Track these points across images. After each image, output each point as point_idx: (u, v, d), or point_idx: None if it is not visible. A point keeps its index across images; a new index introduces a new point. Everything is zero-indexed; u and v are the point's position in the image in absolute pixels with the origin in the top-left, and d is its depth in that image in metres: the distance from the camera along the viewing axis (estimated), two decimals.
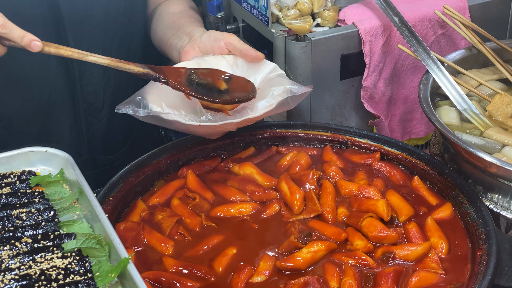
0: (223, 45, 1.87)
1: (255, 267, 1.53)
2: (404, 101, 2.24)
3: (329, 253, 1.57)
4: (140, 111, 1.66)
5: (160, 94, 1.74)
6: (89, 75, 2.01)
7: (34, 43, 1.58)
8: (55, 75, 1.95)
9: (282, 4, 2.14)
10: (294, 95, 1.72)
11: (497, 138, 1.77)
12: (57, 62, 1.95)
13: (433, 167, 1.78)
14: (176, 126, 1.71)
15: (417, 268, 1.52)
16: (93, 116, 2.08)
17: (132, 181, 1.75)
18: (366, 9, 2.12)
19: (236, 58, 1.88)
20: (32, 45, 1.58)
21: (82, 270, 1.28)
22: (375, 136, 1.90)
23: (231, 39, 1.86)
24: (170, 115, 1.68)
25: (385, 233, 1.58)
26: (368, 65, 2.09)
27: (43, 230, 1.38)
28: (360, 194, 1.72)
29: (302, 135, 1.94)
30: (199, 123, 1.68)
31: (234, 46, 1.85)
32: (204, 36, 1.90)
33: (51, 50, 1.61)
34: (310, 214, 1.66)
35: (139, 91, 1.74)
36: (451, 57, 2.02)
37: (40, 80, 1.94)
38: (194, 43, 1.90)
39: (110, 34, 2.00)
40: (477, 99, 1.94)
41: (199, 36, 1.91)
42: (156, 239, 1.62)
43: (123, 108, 1.68)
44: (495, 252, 1.49)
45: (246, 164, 1.83)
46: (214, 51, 1.88)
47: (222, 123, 1.68)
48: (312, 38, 2.03)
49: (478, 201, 1.64)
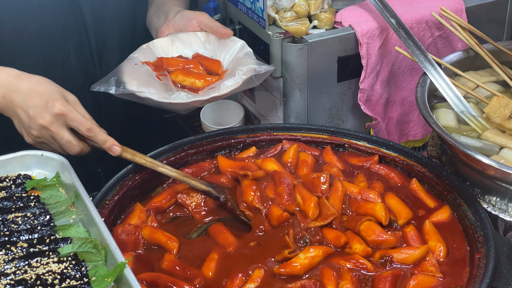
0: (195, 23, 2.04)
1: (248, 274, 1.52)
2: (401, 103, 2.23)
3: (326, 258, 1.56)
4: (113, 89, 1.79)
5: (134, 74, 1.86)
6: (106, 68, 2.07)
7: (115, 147, 1.71)
8: (76, 71, 2.07)
9: (279, 6, 2.13)
10: (258, 74, 1.87)
11: (495, 140, 1.76)
12: (77, 59, 2.05)
13: (430, 170, 1.78)
14: (149, 102, 1.82)
15: (415, 272, 1.52)
16: (111, 107, 2.19)
17: (129, 184, 1.75)
18: (363, 11, 2.12)
19: (208, 35, 2.07)
20: (112, 149, 1.70)
21: (78, 275, 1.27)
22: (373, 139, 1.90)
23: (202, 18, 2.03)
24: (144, 93, 1.80)
25: (384, 237, 1.57)
26: (365, 67, 2.08)
27: (38, 235, 1.37)
28: (361, 197, 1.71)
29: (299, 138, 1.94)
30: (169, 101, 1.80)
31: (205, 24, 2.03)
32: (177, 15, 2.06)
33: (128, 156, 1.74)
34: (327, 219, 1.63)
35: (113, 71, 1.86)
36: (448, 59, 2.01)
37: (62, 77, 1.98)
38: (169, 22, 2.06)
39: (124, 26, 2.12)
40: (475, 101, 1.93)
41: (173, 15, 2.07)
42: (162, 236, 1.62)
43: (97, 86, 1.80)
44: (494, 255, 1.49)
45: (269, 160, 1.83)
46: (187, 29, 2.05)
47: (191, 100, 1.81)
48: (309, 40, 2.03)
49: (476, 203, 1.64)
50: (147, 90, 1.81)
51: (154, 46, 2.04)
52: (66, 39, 2.00)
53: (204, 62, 2.01)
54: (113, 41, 2.11)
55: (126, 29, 2.13)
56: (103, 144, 1.70)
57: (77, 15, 1.99)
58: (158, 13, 2.14)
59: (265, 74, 1.90)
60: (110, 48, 2.10)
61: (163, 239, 1.61)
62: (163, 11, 2.12)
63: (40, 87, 1.68)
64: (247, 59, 1.95)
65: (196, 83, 1.92)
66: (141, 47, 2.02)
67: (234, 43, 2.02)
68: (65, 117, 1.65)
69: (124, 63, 1.92)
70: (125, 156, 1.72)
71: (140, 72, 1.89)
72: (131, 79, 1.83)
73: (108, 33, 2.08)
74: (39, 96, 1.67)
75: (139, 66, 1.92)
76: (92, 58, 2.07)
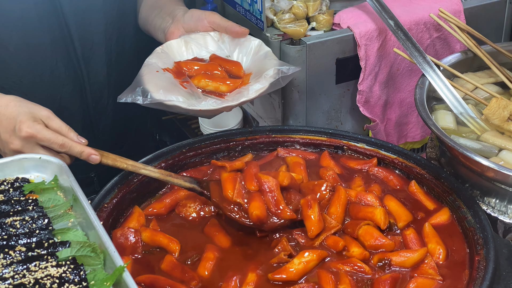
0: (206, 24, 1.98)
1: (244, 277, 1.52)
2: (400, 104, 2.23)
3: (321, 262, 1.55)
4: (140, 99, 1.74)
5: (157, 82, 1.82)
6: (94, 74, 2.07)
7: (93, 157, 1.68)
8: (64, 78, 2.03)
9: (277, 8, 2.13)
10: (285, 75, 1.83)
11: (494, 142, 1.76)
12: (65, 67, 2.02)
13: (430, 172, 1.77)
14: (177, 110, 1.79)
15: (415, 275, 1.51)
16: (101, 113, 2.15)
17: (127, 187, 1.74)
18: (361, 13, 2.11)
19: (221, 35, 2.01)
20: (90, 158, 1.68)
21: (77, 279, 1.27)
22: (371, 141, 1.90)
23: (214, 18, 1.98)
24: (172, 101, 1.76)
25: (382, 241, 1.57)
26: (364, 69, 2.08)
27: (37, 238, 1.37)
28: (358, 201, 1.71)
29: (298, 140, 1.94)
30: (199, 108, 1.77)
31: (218, 24, 1.98)
32: (187, 15, 2.00)
33: (109, 162, 1.71)
34: (329, 231, 1.62)
35: (136, 80, 1.81)
36: (447, 61, 2.01)
37: (51, 86, 2.02)
38: (178, 23, 2.00)
39: (109, 30, 2.07)
40: (473, 103, 1.93)
41: (181, 15, 2.01)
42: (163, 238, 1.62)
43: (124, 97, 1.76)
44: (493, 257, 1.49)
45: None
46: (198, 30, 1.99)
47: (220, 107, 1.78)
48: (307, 42, 2.02)
49: (476, 205, 1.63)
50: (176, 98, 1.77)
51: (169, 49, 1.99)
52: (52, 47, 1.97)
53: (223, 63, 1.96)
54: (99, 46, 2.07)
55: (111, 33, 2.09)
56: (80, 155, 1.67)
57: (61, 22, 1.96)
58: (161, 14, 2.09)
59: (291, 75, 1.86)
60: (96, 53, 2.07)
61: (165, 241, 1.61)
62: (167, 11, 2.08)
63: (8, 110, 1.67)
64: (270, 60, 1.90)
65: (221, 87, 1.88)
66: (156, 50, 1.97)
67: (249, 42, 1.98)
68: (34, 138, 1.64)
69: (144, 70, 1.86)
70: (105, 162, 1.70)
71: (163, 80, 1.84)
72: (156, 87, 1.78)
73: (94, 39, 2.05)
74: (7, 120, 1.66)
75: (161, 73, 1.88)
76: (79, 64, 2.05)
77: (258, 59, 1.94)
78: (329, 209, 1.67)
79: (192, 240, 1.65)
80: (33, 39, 1.93)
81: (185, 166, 1.87)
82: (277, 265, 1.55)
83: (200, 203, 1.73)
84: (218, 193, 1.67)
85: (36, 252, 1.33)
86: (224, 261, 1.58)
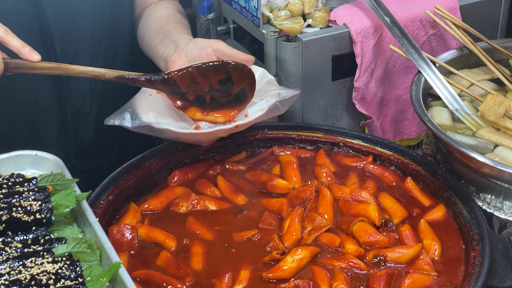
0: (210, 52, 1.84)
1: (236, 274, 1.52)
2: (396, 101, 2.23)
3: (313, 258, 1.55)
4: (128, 122, 1.68)
5: (149, 104, 1.75)
6: (76, 80, 1.99)
7: (33, 53, 1.61)
8: (41, 80, 1.94)
9: (273, 5, 2.13)
10: (283, 99, 1.75)
11: (490, 138, 1.76)
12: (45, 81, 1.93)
13: (425, 168, 1.78)
14: (168, 135, 1.72)
15: (410, 271, 1.51)
16: (81, 120, 2.06)
17: (123, 184, 1.74)
18: (357, 10, 2.12)
19: None
20: (32, 54, 1.61)
21: (73, 275, 1.27)
22: (367, 137, 1.90)
23: (219, 46, 1.84)
24: (161, 124, 1.68)
25: (376, 237, 1.57)
26: (360, 66, 2.08)
27: (33, 235, 1.36)
28: (353, 198, 1.71)
29: (294, 137, 1.94)
30: (190, 131, 1.69)
31: (223, 52, 1.83)
32: (190, 44, 1.87)
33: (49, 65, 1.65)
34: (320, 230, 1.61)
35: (128, 103, 1.74)
36: (443, 57, 2.02)
37: (27, 85, 1.93)
38: (181, 52, 1.88)
39: (97, 38, 1.99)
40: (469, 99, 1.93)
41: (185, 44, 1.89)
42: (160, 234, 1.62)
43: (111, 120, 1.70)
44: (489, 252, 1.49)
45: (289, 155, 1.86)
46: (202, 58, 1.84)
47: (213, 130, 1.71)
48: (303, 39, 2.02)
49: (471, 201, 1.64)
50: (165, 121, 1.70)
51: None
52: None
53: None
54: (83, 55, 1.98)
55: (99, 41, 2.00)
56: (21, 47, 1.60)
57: (42, 24, 1.88)
58: (164, 41, 1.97)
59: (291, 99, 1.78)
60: (79, 61, 1.95)
61: (161, 237, 1.61)
62: (171, 39, 1.96)
63: None
64: (269, 86, 1.83)
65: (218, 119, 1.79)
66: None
67: (253, 70, 1.83)
68: None
69: (138, 94, 1.79)
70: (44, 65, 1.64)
71: (155, 103, 1.77)
72: (147, 110, 1.71)
73: (79, 44, 1.96)
74: None
75: (154, 96, 1.80)
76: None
77: (261, 87, 1.85)
78: (318, 209, 1.68)
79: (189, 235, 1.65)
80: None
81: (181, 163, 1.87)
82: (269, 263, 1.55)
83: (192, 202, 1.73)
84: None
85: (32, 249, 1.33)
86: (212, 256, 1.58)
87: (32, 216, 1.36)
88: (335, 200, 1.72)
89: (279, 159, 1.87)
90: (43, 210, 1.37)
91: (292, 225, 1.63)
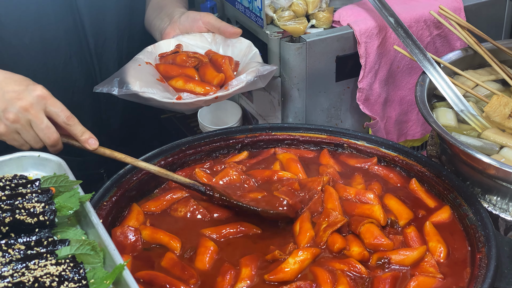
0: (201, 24, 2.02)
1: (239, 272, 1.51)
2: (400, 102, 2.22)
3: (315, 260, 1.54)
4: (116, 90, 1.78)
5: (137, 74, 1.85)
6: (106, 70, 2.08)
7: (92, 140, 1.66)
8: (77, 73, 2.05)
9: (277, 5, 2.12)
10: (262, 74, 1.84)
11: (495, 139, 1.75)
12: (78, 61, 2.03)
13: (430, 169, 1.77)
14: (152, 103, 1.82)
15: (416, 273, 1.50)
16: (111, 109, 2.17)
17: (126, 186, 1.74)
18: (361, 10, 2.11)
19: (214, 36, 2.03)
20: (90, 142, 1.66)
21: (76, 277, 1.26)
22: (372, 138, 1.89)
23: (209, 18, 2.01)
24: (147, 93, 1.79)
25: (381, 240, 1.56)
26: (364, 67, 2.07)
27: (36, 237, 1.36)
28: (357, 199, 1.70)
29: (298, 138, 1.93)
30: (172, 101, 1.79)
31: (212, 25, 2.01)
32: (183, 17, 2.03)
33: (106, 152, 1.68)
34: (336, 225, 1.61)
35: (117, 72, 1.85)
36: (447, 58, 2.00)
37: (64, 80, 2.03)
38: (174, 24, 2.03)
39: (122, 27, 2.10)
40: (474, 100, 1.92)
41: (178, 17, 2.04)
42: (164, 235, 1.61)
43: (100, 87, 1.80)
44: (495, 254, 1.48)
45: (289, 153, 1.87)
46: (193, 30, 2.03)
47: (194, 100, 1.80)
48: (307, 40, 2.01)
49: (477, 203, 1.63)
50: (150, 91, 1.79)
51: (160, 48, 2.01)
52: (66, 41, 1.99)
53: (217, 58, 1.95)
54: (111, 43, 2.09)
55: (123, 30, 2.11)
56: (81, 135, 1.65)
57: (75, 17, 1.97)
58: (160, 15, 2.11)
59: (269, 74, 1.86)
60: (108, 50, 2.09)
61: (166, 239, 1.60)
62: (166, 13, 2.10)
63: (16, 76, 1.66)
64: (253, 61, 1.92)
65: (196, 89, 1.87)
66: (146, 49, 2.00)
67: (240, 43, 1.99)
68: (47, 100, 1.61)
69: (128, 64, 1.90)
70: (103, 152, 1.68)
71: (143, 73, 1.87)
72: (134, 79, 1.81)
73: (107, 35, 2.07)
74: (16, 82, 1.63)
75: (143, 66, 1.91)
76: (92, 59, 2.06)
77: (245, 60, 1.96)
78: (326, 206, 1.66)
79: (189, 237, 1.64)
80: (47, 33, 1.95)
81: (185, 164, 1.87)
82: (271, 262, 1.54)
83: (190, 208, 1.71)
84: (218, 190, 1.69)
85: (36, 251, 1.32)
86: (219, 256, 1.57)
87: (35, 218, 1.36)
88: (344, 198, 1.71)
89: (279, 158, 1.86)
90: (47, 212, 1.37)
91: (304, 226, 1.62)
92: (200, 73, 1.92)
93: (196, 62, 1.94)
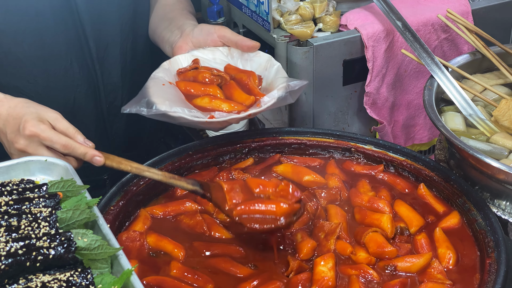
0: (216, 38, 1.94)
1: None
2: (407, 106, 2.21)
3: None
4: (145, 110, 1.72)
5: (163, 94, 1.80)
6: (108, 75, 2.07)
7: (96, 158, 1.64)
8: (78, 79, 2.02)
9: (284, 9, 2.11)
10: (293, 90, 1.78)
11: (504, 144, 1.74)
12: (79, 66, 2.02)
13: (439, 174, 1.76)
14: (182, 121, 1.76)
15: (424, 280, 1.49)
16: (115, 115, 2.14)
17: (133, 190, 1.73)
18: (368, 14, 2.10)
19: (230, 49, 1.96)
20: (94, 160, 1.64)
21: (84, 283, 1.25)
22: (379, 143, 1.88)
23: (224, 32, 1.94)
24: (177, 112, 1.73)
25: (384, 248, 1.55)
26: (371, 71, 2.07)
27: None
28: (369, 208, 1.69)
29: (305, 142, 1.92)
30: (205, 120, 1.73)
31: (228, 38, 1.93)
32: (196, 30, 1.97)
33: (113, 164, 1.67)
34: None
35: (141, 92, 1.80)
36: (455, 62, 2.00)
37: (65, 86, 2.01)
38: (187, 37, 1.97)
39: (125, 31, 2.07)
40: (483, 104, 1.91)
41: (190, 30, 1.98)
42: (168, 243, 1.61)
43: (129, 108, 1.74)
44: (505, 260, 1.47)
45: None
46: (208, 44, 1.95)
47: (226, 119, 1.74)
48: (314, 44, 2.01)
49: (486, 208, 1.62)
50: (181, 110, 1.73)
51: (176, 64, 1.94)
52: (67, 46, 1.97)
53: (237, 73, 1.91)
54: (114, 47, 2.07)
55: (127, 33, 2.09)
56: (84, 157, 1.65)
57: (76, 21, 1.96)
58: (170, 27, 2.06)
59: (299, 90, 1.80)
60: (111, 54, 2.07)
61: (170, 247, 1.59)
62: (176, 25, 2.04)
63: (16, 111, 1.66)
64: (279, 76, 1.86)
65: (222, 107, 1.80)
66: (163, 65, 1.93)
67: (258, 57, 1.92)
68: (37, 137, 1.62)
69: (150, 83, 1.84)
70: (110, 164, 1.67)
71: (169, 93, 1.82)
72: (162, 99, 1.76)
73: (109, 39, 2.05)
74: (14, 120, 1.65)
75: (167, 86, 1.85)
76: (93, 64, 2.04)
77: (267, 74, 1.89)
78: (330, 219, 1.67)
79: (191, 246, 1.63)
80: (47, 37, 1.93)
81: (192, 169, 1.86)
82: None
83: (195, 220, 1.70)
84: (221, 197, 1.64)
85: None
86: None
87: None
88: (352, 206, 1.71)
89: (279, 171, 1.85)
90: (53, 217, 1.36)
91: (303, 237, 1.61)
92: (226, 92, 1.86)
93: (219, 81, 1.88)
